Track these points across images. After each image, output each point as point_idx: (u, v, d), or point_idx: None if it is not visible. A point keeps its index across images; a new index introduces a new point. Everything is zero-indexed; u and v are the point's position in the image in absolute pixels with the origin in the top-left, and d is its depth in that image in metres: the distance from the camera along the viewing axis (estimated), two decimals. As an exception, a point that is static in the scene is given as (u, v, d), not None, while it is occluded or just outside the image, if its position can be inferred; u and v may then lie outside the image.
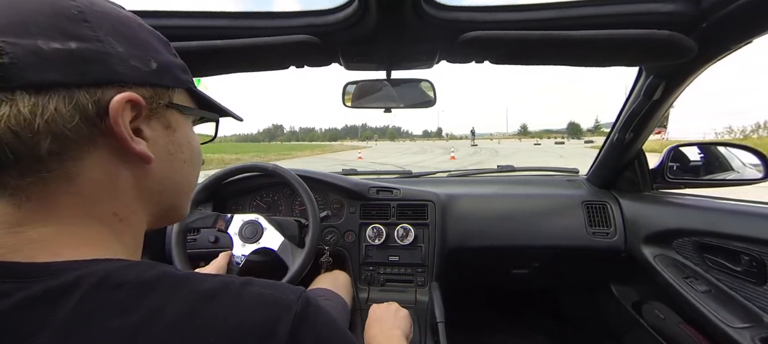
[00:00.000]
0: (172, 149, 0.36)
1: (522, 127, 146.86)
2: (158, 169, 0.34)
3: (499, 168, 1.66)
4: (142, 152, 0.32)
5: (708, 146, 1.19)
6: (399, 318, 0.81)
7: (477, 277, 1.48)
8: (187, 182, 0.39)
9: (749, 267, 0.83)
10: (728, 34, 0.68)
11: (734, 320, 0.81)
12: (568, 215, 1.23)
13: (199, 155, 0.40)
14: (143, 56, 0.32)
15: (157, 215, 0.38)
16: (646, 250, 1.09)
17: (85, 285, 0.25)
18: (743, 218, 0.88)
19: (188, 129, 0.38)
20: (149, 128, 0.33)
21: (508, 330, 1.62)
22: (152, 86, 0.33)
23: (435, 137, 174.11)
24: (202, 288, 0.28)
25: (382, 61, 0.82)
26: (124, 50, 0.30)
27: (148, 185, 0.34)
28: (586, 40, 0.65)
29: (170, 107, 0.35)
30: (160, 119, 0.34)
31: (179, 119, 0.36)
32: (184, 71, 0.38)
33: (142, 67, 0.31)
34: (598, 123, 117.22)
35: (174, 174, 0.37)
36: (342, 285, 1.06)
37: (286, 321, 0.28)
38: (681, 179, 1.14)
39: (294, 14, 0.70)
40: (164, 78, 0.34)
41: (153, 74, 0.32)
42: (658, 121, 1.04)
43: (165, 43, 0.37)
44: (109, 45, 0.29)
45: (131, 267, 0.28)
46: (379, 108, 0.96)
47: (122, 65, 0.30)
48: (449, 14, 0.66)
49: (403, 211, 1.24)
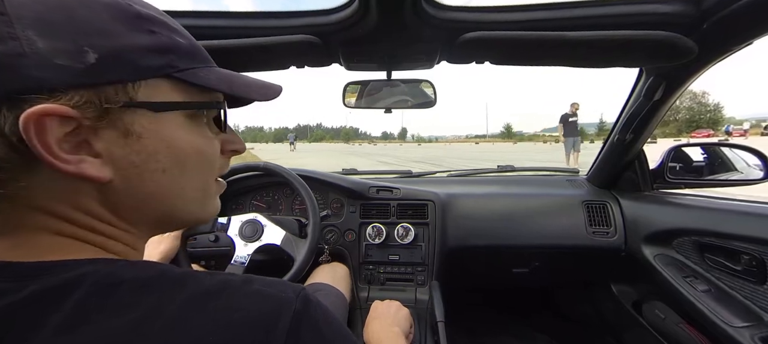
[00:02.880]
0: (137, 160, 0.29)
1: (505, 128, 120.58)
2: (124, 185, 0.29)
3: (499, 168, 1.66)
4: (83, 173, 0.26)
5: (709, 147, 1.19)
6: (399, 317, 0.82)
7: (477, 276, 1.48)
8: (175, 193, 0.32)
9: (749, 266, 0.83)
10: (729, 35, 0.67)
11: (734, 319, 0.81)
12: (568, 215, 1.24)
13: (198, 157, 0.33)
14: (75, 49, 0.25)
15: (152, 227, 0.34)
16: (646, 249, 1.09)
17: (86, 284, 0.24)
18: (743, 218, 0.88)
19: (170, 129, 0.30)
20: (100, 140, 0.27)
21: (508, 330, 1.62)
22: (89, 88, 0.25)
23: (399, 139, 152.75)
24: (201, 287, 0.27)
25: (382, 61, 0.82)
26: (45, 45, 0.24)
27: (120, 203, 0.30)
28: (586, 40, 0.65)
29: (130, 108, 0.27)
30: (115, 126, 0.27)
31: (149, 120, 0.29)
32: (163, 52, 0.29)
33: (70, 65, 0.24)
34: (603, 122, 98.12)
35: (148, 187, 0.30)
36: (340, 277, 1.06)
37: (286, 319, 0.27)
38: (681, 180, 1.14)
39: (294, 14, 0.70)
40: (112, 71, 0.26)
41: (88, 72, 0.25)
42: (658, 121, 1.04)
43: (133, 16, 0.28)
44: (27, 42, 0.23)
45: (130, 267, 0.27)
46: (380, 108, 0.96)
47: (40, 67, 0.24)
48: (449, 14, 0.66)
49: (403, 210, 1.24)
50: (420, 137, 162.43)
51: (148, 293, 0.25)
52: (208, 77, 0.32)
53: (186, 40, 0.32)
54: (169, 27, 0.31)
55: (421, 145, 58.30)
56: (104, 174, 0.27)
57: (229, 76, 0.34)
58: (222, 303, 0.27)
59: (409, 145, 71.24)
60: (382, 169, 1.62)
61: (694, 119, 61.98)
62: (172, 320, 0.24)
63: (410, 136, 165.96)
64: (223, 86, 0.33)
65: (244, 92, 0.35)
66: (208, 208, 0.37)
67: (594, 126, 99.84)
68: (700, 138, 28.87)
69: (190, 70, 0.31)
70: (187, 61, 0.31)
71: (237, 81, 0.35)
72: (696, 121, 61.29)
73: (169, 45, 0.30)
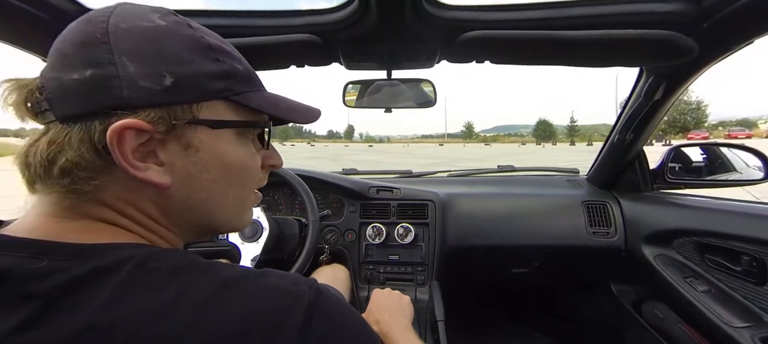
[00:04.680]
0: (193, 170, 0.33)
1: (466, 127, 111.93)
2: (179, 192, 0.33)
3: (499, 168, 1.66)
4: (148, 179, 0.31)
5: (709, 147, 1.19)
6: (404, 305, 0.84)
7: (477, 276, 1.48)
8: (219, 201, 0.36)
9: (749, 266, 0.83)
10: (729, 34, 0.67)
11: (734, 320, 0.81)
12: (568, 215, 1.23)
13: (241, 171, 0.37)
14: (156, 73, 0.30)
15: (192, 232, 0.38)
16: (647, 250, 1.09)
17: (127, 267, 0.27)
18: (743, 218, 0.88)
19: (222, 145, 0.34)
20: (165, 152, 0.32)
21: (507, 329, 1.62)
22: (163, 106, 0.30)
23: (346, 138, 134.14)
24: (223, 275, 0.29)
25: (383, 60, 0.82)
26: (135, 70, 0.29)
27: (171, 208, 0.34)
28: (586, 40, 0.65)
29: (193, 124, 0.32)
30: (179, 139, 0.32)
31: (207, 135, 0.33)
32: (224, 77, 0.34)
33: (151, 87, 0.29)
34: (574, 121, 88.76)
35: (199, 195, 0.34)
36: (341, 279, 1.06)
37: (299, 311, 0.29)
38: (681, 180, 1.14)
39: (294, 13, 0.70)
40: (182, 94, 0.31)
41: (165, 93, 0.30)
42: (659, 121, 1.04)
43: (204, 47, 0.33)
44: (122, 66, 0.29)
45: (165, 253, 0.30)
46: (380, 108, 0.96)
47: (129, 88, 0.29)
48: (449, 13, 0.66)
49: (403, 210, 1.24)
50: (369, 137, 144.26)
51: (178, 277, 0.28)
52: (259, 101, 0.37)
53: (243, 67, 0.36)
54: (232, 56, 0.35)
55: (371, 146, 53.46)
56: (165, 181, 0.32)
57: (275, 99, 0.39)
58: (240, 293, 0.29)
59: (358, 145, 65.92)
60: (383, 169, 1.62)
61: (678, 120, 56.36)
62: (197, 304, 0.27)
63: (358, 135, 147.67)
64: (271, 109, 0.37)
65: (287, 115, 0.39)
66: (244, 218, 0.41)
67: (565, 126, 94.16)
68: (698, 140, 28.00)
69: (244, 93, 0.35)
70: (242, 86, 0.35)
71: (282, 105, 0.39)
72: (680, 122, 56.36)
73: (230, 72, 0.34)
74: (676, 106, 62.61)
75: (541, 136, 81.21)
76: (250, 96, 0.36)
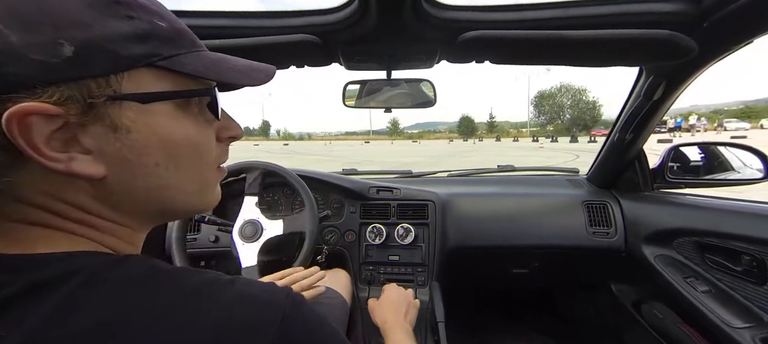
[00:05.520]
0: (129, 155, 0.27)
1: (391, 124, 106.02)
2: (117, 181, 0.28)
3: (499, 168, 1.66)
4: (72, 171, 0.25)
5: (708, 146, 1.19)
6: (411, 308, 0.85)
7: (477, 277, 1.48)
8: (172, 185, 0.31)
9: (750, 267, 0.83)
10: (729, 33, 0.68)
11: (734, 320, 0.81)
12: (568, 215, 1.23)
13: (192, 148, 0.31)
14: (50, 41, 0.23)
15: (150, 220, 0.33)
16: (647, 250, 1.09)
17: (74, 281, 0.24)
18: (744, 218, 0.88)
19: (160, 121, 0.29)
20: (88, 136, 0.26)
21: (508, 330, 1.62)
22: (71, 82, 0.24)
23: (260, 135, 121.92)
24: (188, 284, 0.27)
25: (382, 61, 0.82)
26: (19, 40, 0.22)
27: (115, 199, 0.29)
28: (586, 40, 0.65)
29: (116, 101, 0.26)
30: (102, 120, 0.26)
31: (137, 112, 0.27)
32: (144, 39, 0.27)
33: (47, 59, 0.23)
34: (493, 117, 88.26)
35: (144, 182, 0.29)
36: (342, 283, 1.06)
37: (274, 322, 0.26)
38: (681, 179, 1.14)
39: (294, 13, 0.70)
40: (91, 64, 0.25)
41: (67, 66, 0.24)
42: (658, 121, 1.04)
43: (107, 1, 0.26)
44: (1, 37, 0.22)
45: (120, 263, 0.27)
46: (380, 108, 0.96)
47: (16, 64, 0.22)
48: (449, 14, 0.66)
49: (403, 211, 1.24)
50: (287, 134, 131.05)
51: (135, 290, 0.25)
52: (195, 64, 0.30)
53: (167, 23, 0.30)
54: (148, 10, 0.28)
55: (287, 144, 48.32)
56: (97, 171, 0.27)
57: (218, 61, 0.32)
58: (207, 302, 0.26)
59: (273, 143, 61.31)
60: (383, 169, 1.63)
61: (581, 117, 62.63)
62: (156, 318, 0.24)
63: (275, 132, 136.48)
64: (210, 73, 0.31)
65: (233, 78, 0.33)
66: (208, 198, 0.35)
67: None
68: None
69: (174, 57, 0.29)
70: (170, 47, 0.29)
71: (225, 66, 0.33)
72: (583, 120, 62.05)
73: (149, 31, 0.28)
74: (577, 105, 59.07)
75: (464, 132, 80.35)
76: (183, 59, 0.29)
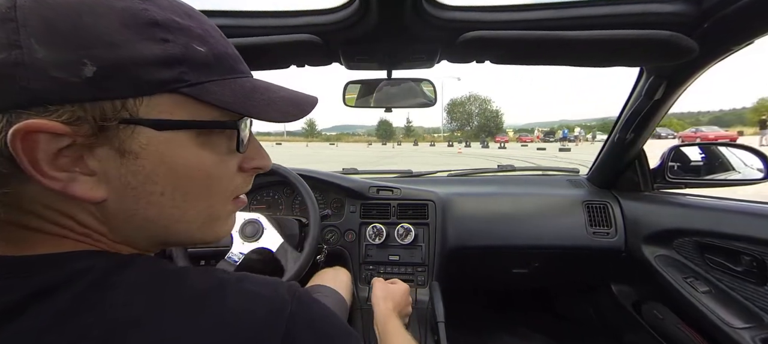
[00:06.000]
0: (132, 181, 0.26)
1: (308, 125, 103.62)
2: (118, 205, 0.27)
3: (499, 168, 1.66)
4: (71, 192, 0.25)
5: (708, 146, 1.19)
6: (405, 311, 0.87)
7: (477, 277, 1.48)
8: (175, 217, 0.29)
9: (750, 267, 0.83)
10: (730, 34, 0.67)
11: (734, 321, 0.81)
12: (568, 215, 1.23)
13: (204, 180, 0.30)
14: (73, 60, 0.23)
15: (150, 245, 0.32)
16: (647, 250, 1.09)
17: (83, 282, 0.24)
18: (744, 218, 0.88)
19: (173, 149, 0.27)
20: (94, 158, 0.25)
21: (508, 330, 1.62)
22: (84, 103, 0.23)
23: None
24: (196, 286, 0.27)
25: (383, 60, 0.82)
26: (44, 55, 0.22)
27: (115, 223, 0.28)
28: (587, 40, 0.65)
29: (130, 125, 0.25)
30: (110, 142, 0.25)
31: (150, 138, 0.26)
32: (172, 64, 0.26)
33: (66, 78, 0.23)
34: (410, 122, 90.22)
35: (145, 211, 0.28)
36: (342, 282, 1.06)
37: (281, 320, 0.27)
38: (681, 179, 1.14)
39: (295, 13, 0.70)
40: (110, 86, 0.24)
41: (85, 85, 0.23)
42: (659, 121, 1.04)
43: (146, 23, 0.25)
44: (29, 51, 0.22)
45: (128, 264, 0.27)
46: (380, 108, 0.96)
47: (37, 79, 0.22)
48: (449, 14, 0.66)
49: (403, 210, 1.24)
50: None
51: (143, 291, 0.25)
52: (222, 93, 0.28)
53: (208, 47, 0.28)
54: (190, 33, 0.27)
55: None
56: (96, 194, 0.26)
57: (252, 90, 0.30)
58: (216, 303, 0.26)
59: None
60: (383, 169, 1.63)
61: (487, 125, 70.62)
62: (165, 321, 0.24)
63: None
64: (238, 104, 0.29)
65: (262, 114, 0.30)
66: (217, 231, 0.33)
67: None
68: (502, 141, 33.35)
69: (202, 84, 0.27)
70: (201, 74, 0.27)
71: (259, 97, 0.30)
72: (488, 127, 69.99)
73: (181, 56, 0.26)
74: (483, 113, 66.83)
75: (382, 136, 79.05)
76: (210, 88, 0.28)
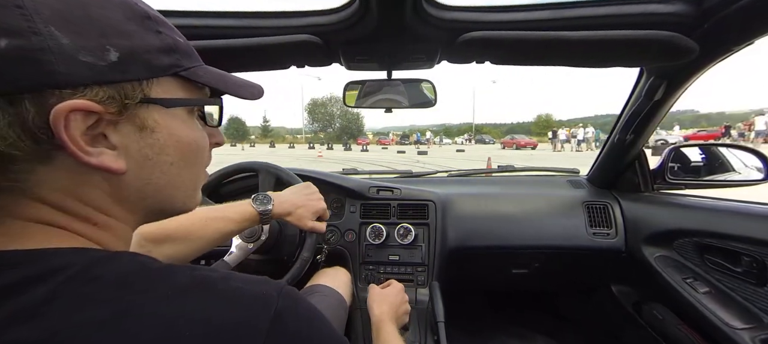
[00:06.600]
0: (149, 153, 0.31)
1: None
2: (135, 177, 0.31)
3: (499, 168, 1.66)
4: (102, 164, 0.27)
5: (708, 147, 1.19)
6: (402, 310, 0.88)
7: (477, 277, 1.48)
8: (177, 184, 0.34)
9: (749, 268, 0.83)
10: (730, 35, 0.67)
11: (734, 321, 0.81)
12: (568, 216, 1.23)
13: (196, 150, 0.35)
14: (98, 46, 0.26)
15: (144, 218, 0.35)
16: (647, 251, 1.09)
17: (61, 276, 0.24)
18: (744, 219, 0.88)
19: (176, 124, 0.32)
20: (117, 134, 0.28)
21: (508, 330, 1.62)
22: (113, 84, 0.27)
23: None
24: (178, 282, 0.27)
25: (383, 61, 0.82)
26: (70, 42, 0.25)
27: (125, 195, 0.31)
28: (587, 40, 0.65)
29: (145, 103, 0.29)
30: (132, 120, 0.29)
31: (160, 115, 0.31)
32: (169, 52, 0.31)
33: (95, 62, 0.26)
34: (267, 121, 78.52)
35: (157, 179, 0.32)
36: (342, 282, 1.06)
37: (265, 318, 0.27)
38: (681, 180, 1.14)
39: (295, 14, 0.70)
40: (131, 70, 0.28)
41: (112, 69, 0.26)
42: (659, 121, 1.04)
43: (142, 16, 0.30)
44: (50, 37, 0.24)
45: (110, 260, 0.27)
46: (380, 108, 0.96)
47: (66, 63, 0.24)
48: (449, 14, 0.66)
49: (403, 210, 1.24)
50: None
51: (124, 288, 0.25)
52: (207, 76, 0.35)
53: (182, 39, 0.34)
54: (169, 26, 0.33)
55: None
56: (120, 166, 0.29)
57: (222, 74, 0.37)
58: (198, 300, 0.26)
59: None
60: (383, 169, 1.63)
61: (349, 127, 68.43)
62: (145, 316, 0.24)
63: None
64: (220, 84, 0.35)
65: (236, 91, 0.37)
66: (197, 198, 0.39)
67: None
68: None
69: (192, 69, 0.33)
70: (189, 60, 0.33)
71: (230, 80, 0.37)
72: (350, 129, 67.80)
73: (173, 45, 0.32)
74: (344, 115, 63.01)
75: (233, 136, 76.50)
76: (197, 72, 0.34)
